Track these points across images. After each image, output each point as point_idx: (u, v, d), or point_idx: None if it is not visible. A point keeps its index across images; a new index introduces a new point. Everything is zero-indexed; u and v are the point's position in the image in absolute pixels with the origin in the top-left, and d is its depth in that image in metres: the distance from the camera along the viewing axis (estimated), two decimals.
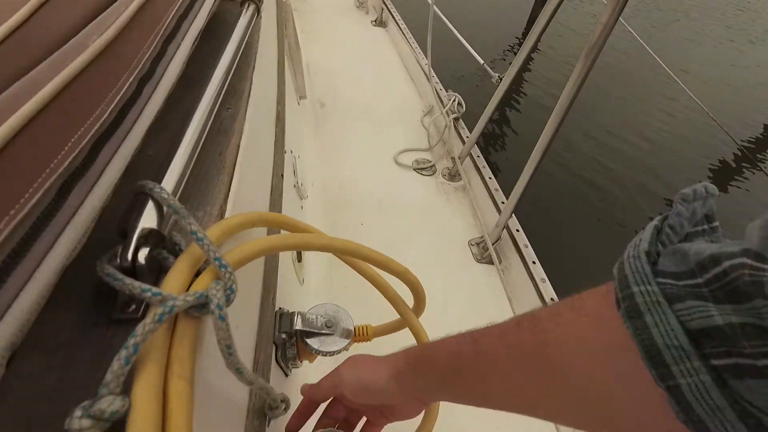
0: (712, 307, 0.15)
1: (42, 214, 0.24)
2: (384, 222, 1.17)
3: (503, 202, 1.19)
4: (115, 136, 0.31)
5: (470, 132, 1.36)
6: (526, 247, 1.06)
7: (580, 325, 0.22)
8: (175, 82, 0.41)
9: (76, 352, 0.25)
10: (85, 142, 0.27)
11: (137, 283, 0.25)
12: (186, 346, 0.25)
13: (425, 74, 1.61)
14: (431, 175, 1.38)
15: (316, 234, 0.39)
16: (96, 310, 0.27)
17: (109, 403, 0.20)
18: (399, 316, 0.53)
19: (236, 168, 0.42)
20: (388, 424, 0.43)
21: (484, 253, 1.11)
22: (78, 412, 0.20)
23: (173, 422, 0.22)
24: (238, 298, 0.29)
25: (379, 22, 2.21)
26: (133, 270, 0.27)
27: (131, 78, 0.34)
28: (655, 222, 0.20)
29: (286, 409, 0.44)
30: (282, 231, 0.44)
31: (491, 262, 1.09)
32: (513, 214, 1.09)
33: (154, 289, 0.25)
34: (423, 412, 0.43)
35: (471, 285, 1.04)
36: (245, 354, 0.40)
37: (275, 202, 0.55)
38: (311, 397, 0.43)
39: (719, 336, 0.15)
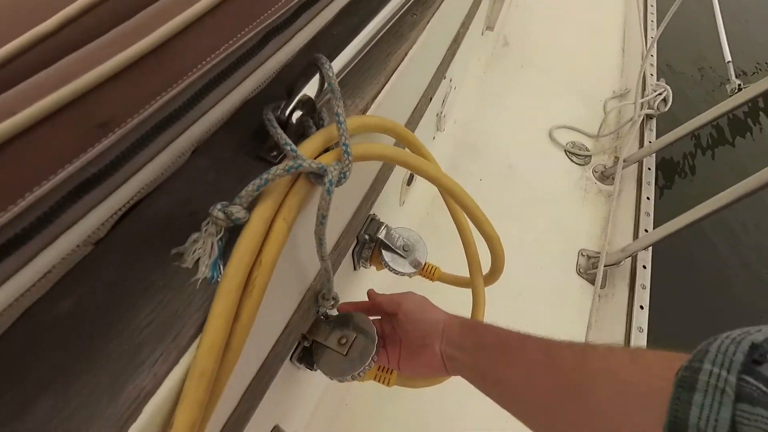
0: None
1: (245, 53, 0.30)
2: (504, 188, 1.11)
3: (646, 230, 1.00)
4: (315, 7, 0.35)
5: (656, 137, 1.12)
6: (643, 288, 0.91)
7: (627, 368, 0.22)
8: None
9: (230, 167, 0.33)
10: (290, 6, 0.32)
11: (284, 136, 0.30)
12: (296, 200, 0.30)
13: (643, 49, 1.31)
14: (581, 164, 1.21)
15: (434, 165, 0.40)
16: (251, 145, 0.35)
17: (237, 210, 0.27)
18: (468, 276, 0.53)
19: (395, 74, 0.43)
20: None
21: (590, 269, 0.99)
22: (219, 206, 0.27)
23: (267, 247, 0.28)
24: (346, 186, 0.33)
25: None
26: (285, 124, 0.32)
27: None
28: None
29: (333, 306, 0.51)
30: (406, 149, 0.46)
31: (592, 282, 0.97)
32: (650, 249, 0.92)
33: (293, 147, 0.30)
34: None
35: (557, 291, 0.96)
36: (332, 234, 0.47)
37: (413, 121, 0.57)
38: (374, 299, 0.47)
39: None
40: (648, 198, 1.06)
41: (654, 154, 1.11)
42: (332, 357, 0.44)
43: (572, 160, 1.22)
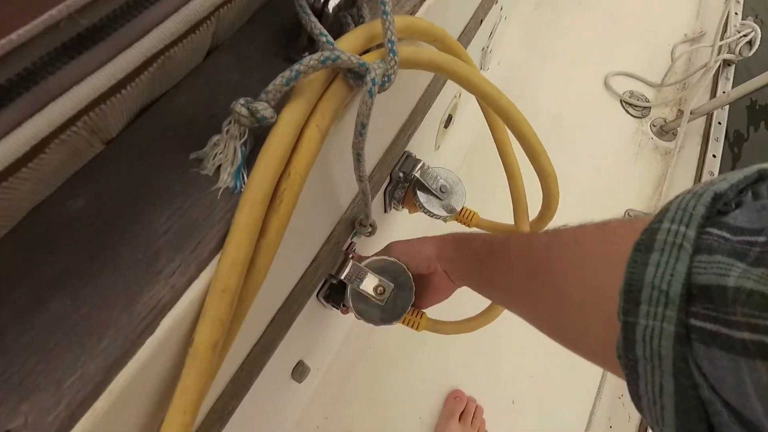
0: (739, 267, 0.14)
1: None
2: (547, 140, 1.01)
3: None
4: None
5: (732, 87, 0.97)
6: None
7: (592, 236, 0.22)
8: None
9: (254, 67, 0.28)
10: None
11: (319, 25, 0.25)
12: (332, 104, 0.26)
13: None
14: (638, 117, 1.09)
15: (487, 81, 0.34)
16: (280, 44, 0.30)
17: (263, 108, 0.23)
18: (513, 223, 0.48)
19: None
20: None
21: None
22: (242, 101, 0.23)
23: (298, 157, 0.24)
24: (384, 107, 0.27)
25: None
26: (320, 14, 0.27)
27: None
28: (763, 165, 0.17)
29: (371, 233, 0.48)
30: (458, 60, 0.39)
31: None
32: None
33: (330, 38, 0.25)
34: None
35: None
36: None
37: (461, 41, 0.49)
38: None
39: (719, 298, 0.14)
40: (714, 156, 0.94)
41: (727, 107, 0.97)
42: (368, 304, 0.43)
43: (628, 112, 1.09)
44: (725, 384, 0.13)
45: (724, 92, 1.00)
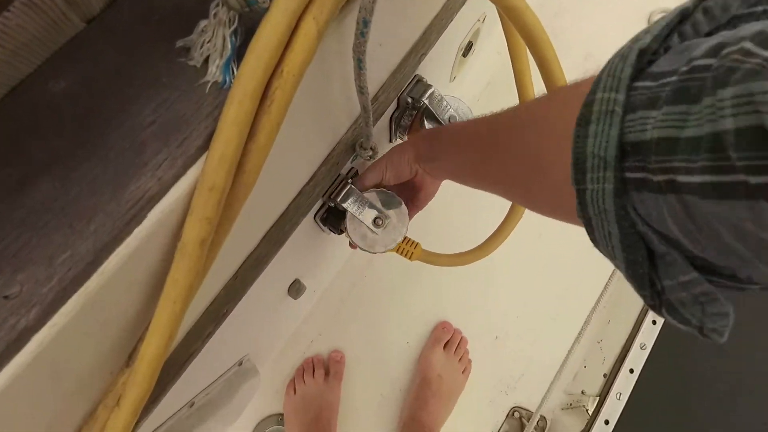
0: (653, 117, 0.15)
1: None
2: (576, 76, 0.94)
3: None
4: None
5: None
6: None
7: (547, 108, 0.24)
8: None
9: None
10: None
11: None
12: None
13: None
14: None
15: None
16: None
17: None
18: None
19: None
20: None
21: None
22: None
23: (292, 54, 0.22)
24: (391, 21, 0.24)
25: None
26: None
27: None
28: (684, 4, 0.17)
29: (371, 158, 0.47)
30: None
31: None
32: None
33: None
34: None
35: None
36: (370, 85, 0.40)
37: None
38: (362, 183, 0.46)
39: (643, 150, 0.15)
40: None
41: None
42: (365, 230, 0.46)
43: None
44: (652, 217, 0.16)
45: None
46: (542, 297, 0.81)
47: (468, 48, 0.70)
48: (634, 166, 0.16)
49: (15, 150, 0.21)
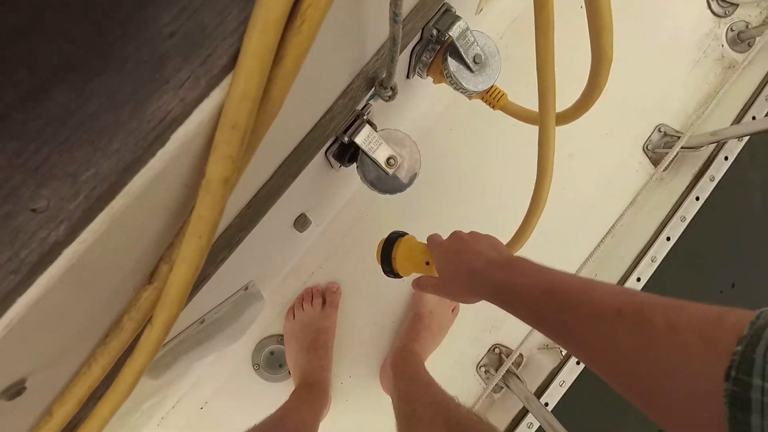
0: None
1: None
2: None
3: (754, 118, 0.83)
4: None
5: None
6: (711, 180, 0.82)
7: (687, 346, 0.20)
8: None
9: None
10: None
11: None
12: None
13: None
14: (720, 16, 0.92)
15: None
16: None
17: None
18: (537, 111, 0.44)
19: None
20: None
21: (659, 148, 0.87)
22: None
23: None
24: None
25: None
26: None
27: None
28: None
29: (390, 98, 0.44)
30: None
31: (655, 164, 0.87)
32: (745, 140, 0.77)
33: None
34: None
35: (611, 161, 0.87)
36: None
37: None
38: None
39: None
40: None
41: None
42: (376, 170, 0.45)
43: (710, 6, 0.91)
44: None
45: None
46: (533, 247, 0.84)
47: None
48: None
49: (27, 51, 0.19)
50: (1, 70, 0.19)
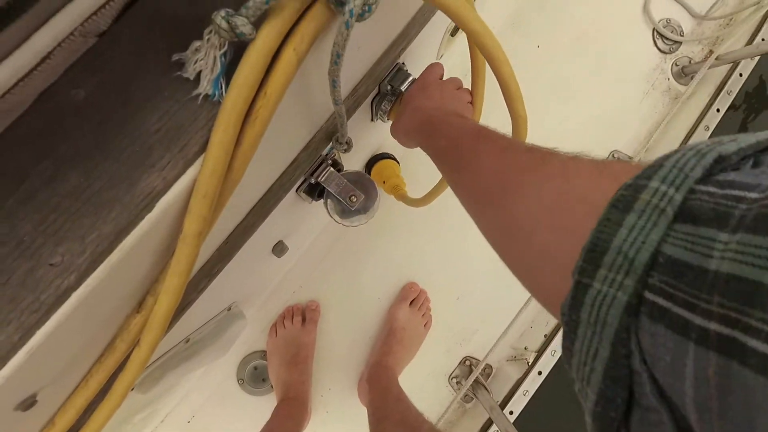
0: (721, 241, 0.12)
1: None
2: (562, 60, 0.96)
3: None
4: None
5: None
6: None
7: (586, 174, 0.19)
8: None
9: None
10: None
11: None
12: (311, 28, 0.27)
13: None
14: (665, 52, 1.01)
15: (476, 16, 0.34)
16: None
17: (243, 23, 0.24)
18: None
19: None
20: None
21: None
22: (223, 12, 0.24)
23: (274, 78, 0.27)
24: (373, 24, 0.28)
25: None
26: None
27: None
28: None
29: (346, 150, 0.51)
30: None
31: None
32: None
33: None
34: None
35: None
36: (351, 76, 0.43)
37: None
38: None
39: (696, 281, 0.12)
40: (718, 110, 0.92)
41: (758, 58, 0.91)
42: (341, 206, 0.54)
43: (656, 44, 1.01)
44: (660, 361, 0.12)
45: (763, 39, 0.92)
46: (501, 267, 0.90)
47: (456, 28, 0.71)
48: (659, 287, 0.13)
49: (49, 147, 0.26)
50: (30, 161, 0.25)
